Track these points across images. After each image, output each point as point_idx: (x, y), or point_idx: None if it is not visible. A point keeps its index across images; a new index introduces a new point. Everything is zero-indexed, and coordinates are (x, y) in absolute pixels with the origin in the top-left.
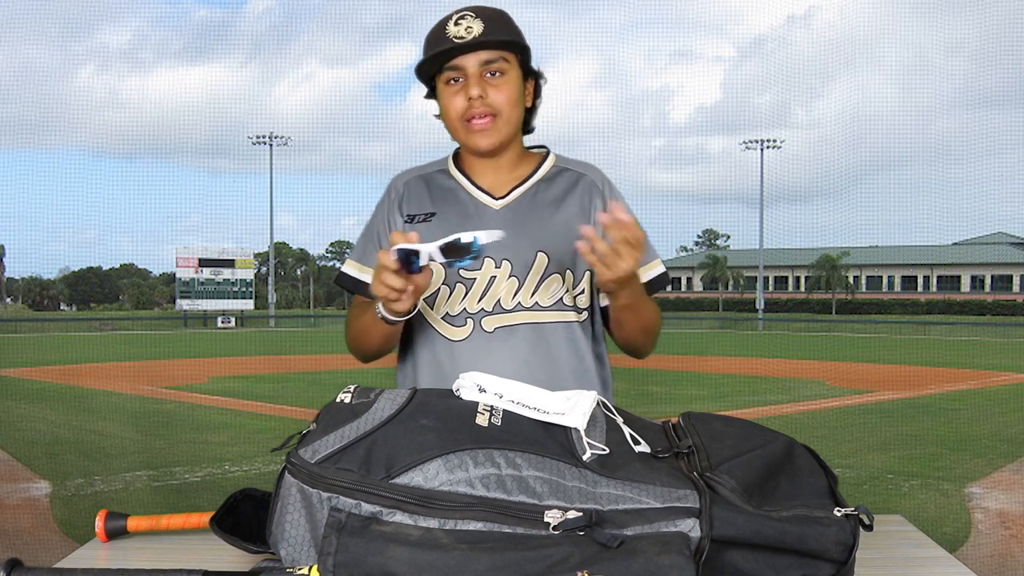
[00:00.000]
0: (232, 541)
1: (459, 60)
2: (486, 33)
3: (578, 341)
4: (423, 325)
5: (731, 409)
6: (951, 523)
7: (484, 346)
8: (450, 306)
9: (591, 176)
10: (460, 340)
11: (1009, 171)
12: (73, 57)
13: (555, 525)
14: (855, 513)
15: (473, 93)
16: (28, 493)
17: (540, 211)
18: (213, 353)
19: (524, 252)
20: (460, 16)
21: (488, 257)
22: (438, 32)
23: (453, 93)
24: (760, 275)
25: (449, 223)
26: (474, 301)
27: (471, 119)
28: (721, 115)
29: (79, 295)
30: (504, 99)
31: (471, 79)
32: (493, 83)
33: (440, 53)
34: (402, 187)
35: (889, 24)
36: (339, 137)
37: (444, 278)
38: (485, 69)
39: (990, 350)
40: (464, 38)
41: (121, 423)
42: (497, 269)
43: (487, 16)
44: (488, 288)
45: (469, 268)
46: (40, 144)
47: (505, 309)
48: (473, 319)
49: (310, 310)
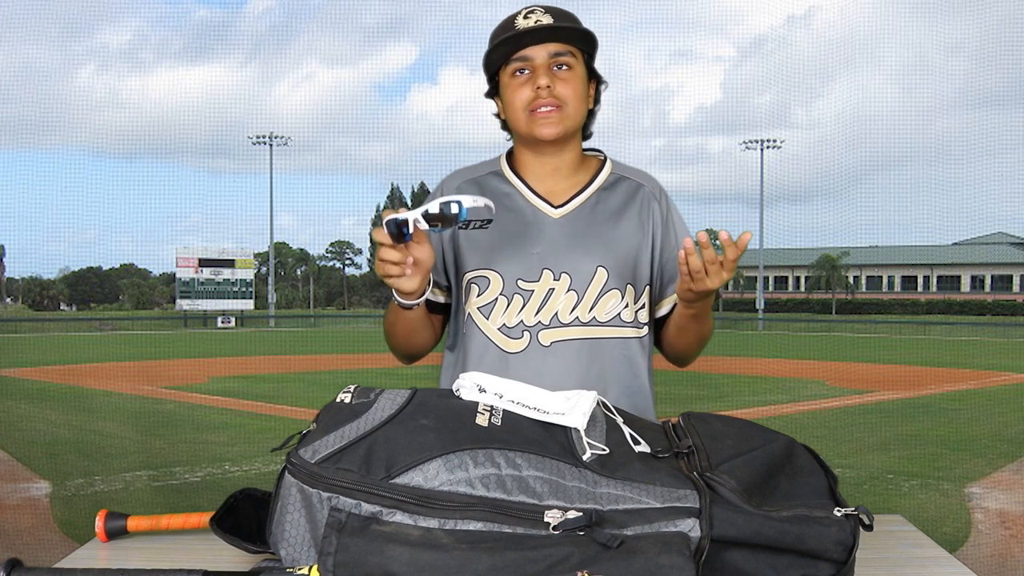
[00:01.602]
0: (232, 541)
1: (527, 51)
2: (555, 24)
3: (634, 357)
4: (476, 334)
5: (731, 409)
6: (951, 523)
7: (540, 359)
8: (507, 317)
9: (649, 187)
10: (516, 352)
11: (1009, 171)
12: (73, 57)
13: (555, 525)
14: (855, 513)
15: (541, 83)
16: (28, 493)
17: (600, 224)
18: (213, 353)
19: (584, 266)
20: (529, 11)
21: (547, 269)
22: (506, 25)
23: (520, 84)
24: (760, 275)
25: (507, 231)
26: (531, 314)
27: (536, 109)
28: (721, 115)
29: (79, 295)
30: (571, 92)
31: (539, 69)
32: (561, 75)
33: (509, 39)
34: (455, 191)
35: (889, 24)
36: (339, 137)
37: (502, 289)
38: (553, 61)
39: (990, 350)
40: (534, 28)
41: (121, 423)
42: (556, 282)
43: (556, 12)
44: (546, 301)
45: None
46: (40, 144)
47: (563, 323)
48: (530, 332)
49: (310, 310)
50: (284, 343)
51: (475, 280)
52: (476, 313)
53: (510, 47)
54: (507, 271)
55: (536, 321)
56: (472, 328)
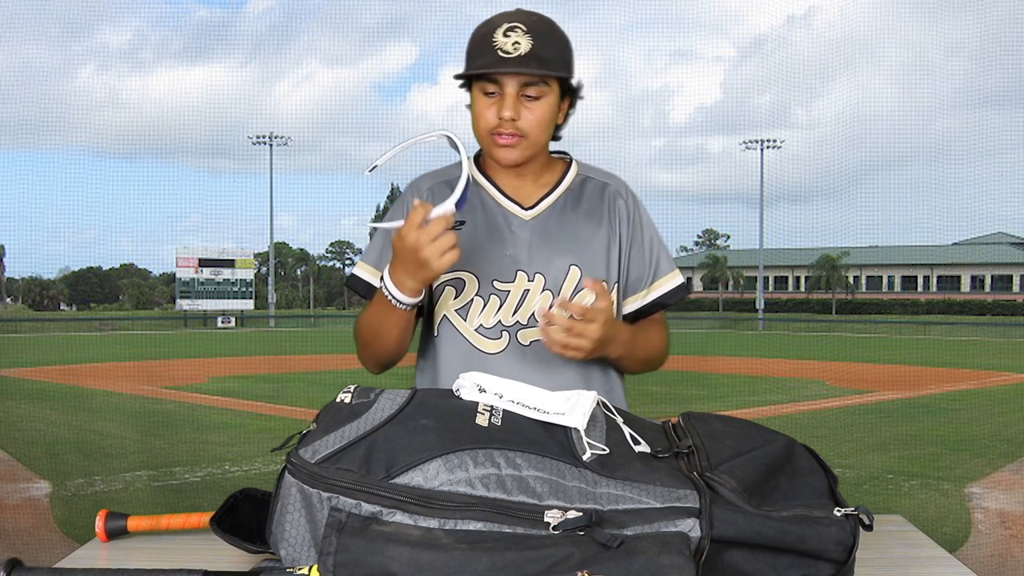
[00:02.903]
0: (232, 541)
1: (499, 77)
2: (533, 53)
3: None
4: (453, 336)
5: (731, 409)
6: (951, 523)
7: (519, 359)
8: (484, 318)
9: (614, 186)
10: (494, 353)
11: (1009, 171)
12: (73, 57)
13: (555, 525)
14: (855, 513)
15: (505, 115)
16: (28, 493)
17: (570, 224)
18: (213, 353)
19: (557, 266)
20: (511, 27)
21: (520, 271)
22: (485, 38)
23: (487, 105)
24: (760, 275)
25: (479, 232)
26: (508, 314)
27: (498, 135)
28: (721, 115)
29: (79, 295)
30: (535, 122)
31: (507, 99)
32: (528, 106)
33: (481, 65)
34: (426, 192)
35: (889, 24)
36: (339, 137)
37: (477, 290)
38: (523, 91)
39: (990, 350)
40: (510, 54)
41: (121, 423)
42: (530, 283)
43: (537, 31)
44: (523, 301)
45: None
46: (40, 144)
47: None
48: (508, 332)
49: (310, 310)
50: (284, 343)
51: (450, 282)
52: (453, 315)
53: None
54: (482, 272)
55: (514, 321)
56: (448, 330)
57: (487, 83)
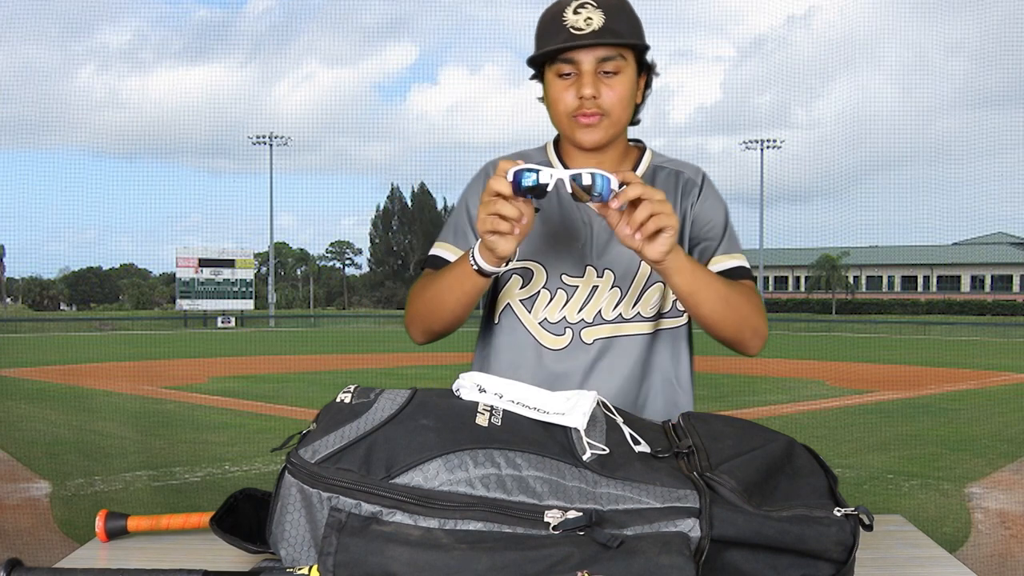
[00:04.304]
0: (232, 541)
1: (574, 54)
2: (607, 26)
3: (676, 345)
4: (515, 327)
5: (731, 409)
6: (951, 523)
7: (582, 357)
8: (549, 312)
9: (688, 174)
10: (557, 349)
11: (1009, 171)
12: (73, 57)
13: (555, 525)
14: (855, 513)
15: (586, 93)
16: (28, 493)
17: None
18: (213, 353)
19: (628, 260)
20: (580, 4)
21: (589, 266)
22: (555, 18)
23: (564, 87)
24: (760, 275)
25: (553, 222)
26: (574, 311)
27: (579, 116)
28: (721, 115)
29: (79, 295)
30: (616, 99)
31: (585, 76)
32: (607, 82)
33: (556, 40)
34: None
35: (889, 24)
36: (339, 137)
37: (545, 282)
38: (600, 67)
39: (990, 350)
40: (583, 30)
41: (121, 423)
42: (599, 279)
43: (608, 5)
44: (590, 298)
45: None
46: (40, 144)
47: (606, 320)
48: (572, 329)
49: (310, 310)
50: (284, 343)
51: (519, 270)
52: (518, 305)
53: (556, 51)
54: (552, 264)
55: (579, 319)
56: (510, 320)
57: (561, 64)
